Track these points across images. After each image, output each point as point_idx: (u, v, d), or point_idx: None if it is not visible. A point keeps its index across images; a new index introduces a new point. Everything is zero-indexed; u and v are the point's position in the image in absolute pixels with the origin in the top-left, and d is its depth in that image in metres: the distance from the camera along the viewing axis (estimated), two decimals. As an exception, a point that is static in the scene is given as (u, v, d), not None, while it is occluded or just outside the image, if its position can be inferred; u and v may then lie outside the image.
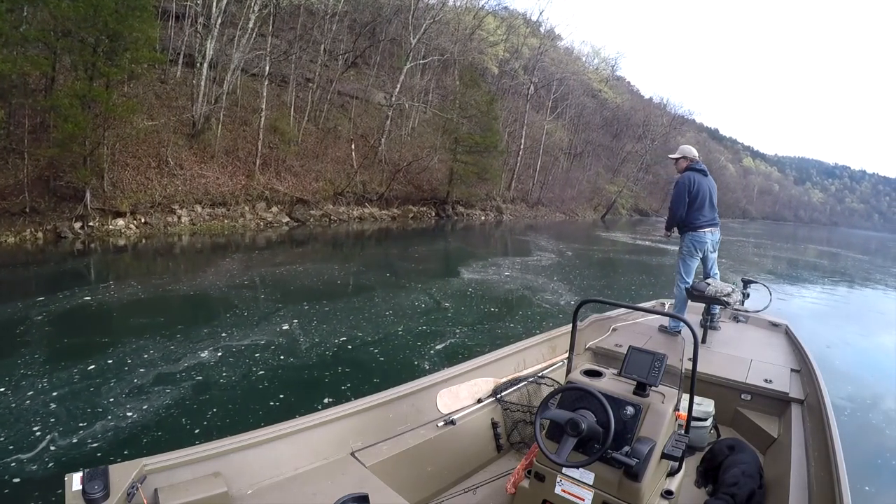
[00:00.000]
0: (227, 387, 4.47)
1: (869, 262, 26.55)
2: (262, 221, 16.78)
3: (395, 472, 2.25)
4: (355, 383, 4.66)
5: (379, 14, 26.20)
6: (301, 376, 4.77)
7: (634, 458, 1.82)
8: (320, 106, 22.54)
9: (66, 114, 10.90)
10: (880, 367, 7.52)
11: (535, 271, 12.26)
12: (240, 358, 5.07)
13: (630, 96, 64.69)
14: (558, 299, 9.17)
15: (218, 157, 16.59)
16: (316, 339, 5.72)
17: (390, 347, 5.73)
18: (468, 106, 25.66)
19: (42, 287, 7.67)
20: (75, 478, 1.55)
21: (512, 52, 39.45)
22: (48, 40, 11.31)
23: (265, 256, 11.87)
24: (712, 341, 4.30)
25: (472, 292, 9.24)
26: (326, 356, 5.24)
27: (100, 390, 4.21)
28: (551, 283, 10.77)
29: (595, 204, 46.12)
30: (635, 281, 12.75)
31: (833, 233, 76.58)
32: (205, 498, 1.69)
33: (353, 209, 21.03)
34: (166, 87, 17.21)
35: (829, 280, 17.02)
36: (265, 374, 4.75)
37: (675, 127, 60.67)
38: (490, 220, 29.74)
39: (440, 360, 5.32)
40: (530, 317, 7.84)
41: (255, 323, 6.30)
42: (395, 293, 8.64)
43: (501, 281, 10.69)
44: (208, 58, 16.05)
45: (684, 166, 4.67)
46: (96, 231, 12.23)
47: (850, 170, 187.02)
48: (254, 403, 4.19)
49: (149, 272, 9.60)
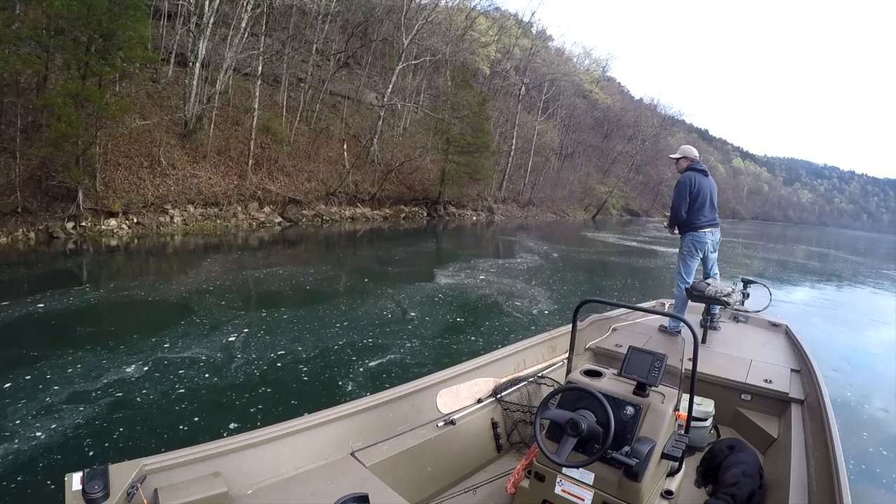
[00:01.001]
0: (142, 406, 4.22)
1: (860, 262, 26.76)
2: (255, 221, 16.83)
3: (395, 472, 2.25)
4: (265, 408, 4.32)
5: (371, 14, 26.25)
6: (218, 399, 4.44)
7: (634, 458, 1.82)
8: (312, 106, 22.60)
9: (60, 113, 10.88)
10: (880, 367, 7.52)
11: (514, 275, 11.78)
12: (167, 374, 4.80)
13: (621, 97, 65.29)
14: (531, 308, 8.60)
15: (210, 157, 16.61)
16: (252, 355, 5.37)
17: (321, 366, 5.30)
18: (460, 106, 25.84)
19: (3, 292, 7.22)
20: (75, 478, 1.55)
21: (504, 53, 39.66)
22: (41, 38, 11.28)
23: (248, 258, 11.69)
24: (712, 341, 4.30)
25: (442, 299, 8.75)
26: (253, 375, 4.90)
27: (6, 411, 3.96)
28: (529, 288, 10.25)
29: (586, 204, 46.46)
30: (619, 285, 12.30)
31: (822, 233, 76.58)
32: (205, 498, 1.69)
33: (346, 209, 21.11)
34: (158, 86, 17.19)
35: (820, 281, 17.07)
36: (185, 393, 4.48)
37: (666, 128, 61.39)
38: (481, 220, 29.84)
39: (365, 382, 4.89)
40: (496, 329, 7.26)
41: (203, 333, 5.98)
42: (362, 300, 8.26)
43: (476, 286, 10.20)
44: (200, 57, 16.06)
45: (685, 166, 4.68)
46: (88, 231, 12.22)
47: (839, 170, 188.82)
48: (162, 427, 3.94)
49: (123, 275, 9.34)
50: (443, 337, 6.61)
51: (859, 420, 5.28)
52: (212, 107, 16.68)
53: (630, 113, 59.42)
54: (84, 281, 8.53)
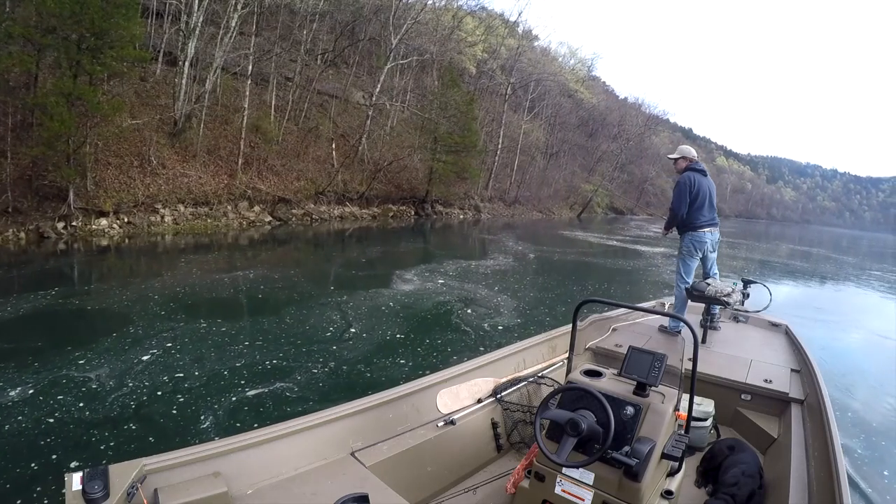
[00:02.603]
0: (8, 435, 3.78)
1: (840, 259, 26.96)
2: (245, 221, 16.94)
3: (395, 472, 2.26)
4: (116, 447, 3.79)
5: (360, 14, 26.38)
6: (80, 434, 3.92)
7: (634, 458, 1.83)
8: (300, 105, 22.68)
9: (53, 112, 10.89)
10: (880, 367, 7.53)
11: (481, 279, 11.06)
12: (50, 399, 4.31)
13: (605, 96, 65.85)
14: (484, 321, 7.68)
15: (200, 157, 16.66)
16: (146, 381, 4.77)
17: (196, 396, 4.60)
18: (448, 106, 26.11)
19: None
20: (75, 477, 1.55)
21: (490, 53, 39.95)
22: (32, 37, 11.23)
23: (224, 260, 11.46)
24: (712, 341, 4.31)
25: (392, 308, 7.99)
26: (128, 408, 4.30)
27: None
28: (492, 296, 9.41)
29: (571, 202, 46.84)
30: (593, 291, 11.32)
31: (805, 230, 76.54)
32: (205, 498, 1.70)
33: (334, 208, 21.29)
34: (146, 84, 17.15)
35: (805, 280, 17.09)
36: (54, 423, 3.98)
37: (650, 127, 62.21)
38: (468, 218, 30.04)
39: (224, 420, 4.21)
40: (434, 351, 6.30)
41: (124, 348, 5.51)
42: (309, 310, 7.60)
43: (436, 292, 9.44)
44: (189, 56, 16.10)
45: (684, 166, 4.67)
46: (80, 231, 12.24)
47: (821, 169, 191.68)
48: (17, 465, 3.49)
49: (89, 279, 8.98)
50: (363, 362, 5.66)
51: (859, 420, 5.30)
52: (201, 106, 16.71)
53: (615, 112, 60.03)
54: (45, 285, 7.96)
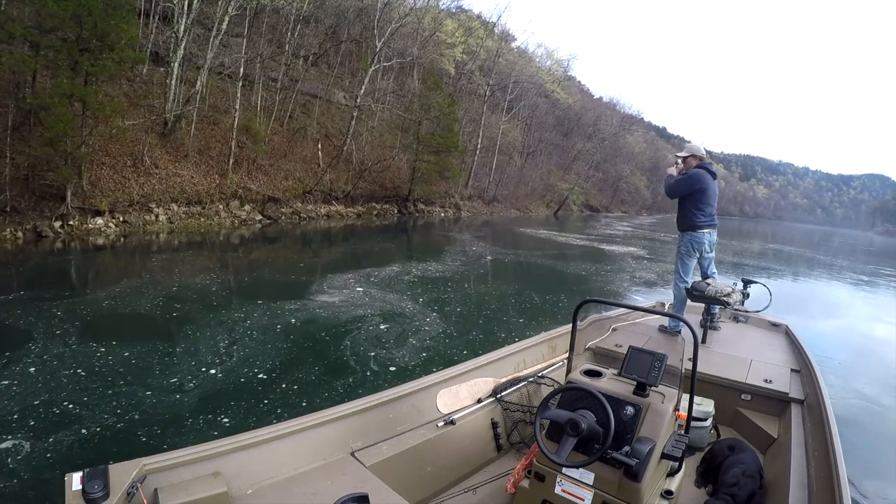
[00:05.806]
0: None
1: (811, 256, 27.43)
2: (237, 219, 17.29)
3: (395, 472, 2.26)
4: None
5: (343, 16, 26.77)
6: None
7: (634, 458, 1.83)
8: (285, 106, 23.00)
9: (56, 112, 11.07)
10: (879, 366, 7.60)
11: (418, 287, 9.86)
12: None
13: (581, 96, 66.77)
14: (395, 353, 6.01)
15: (192, 157, 16.94)
16: None
17: None
18: (431, 107, 26.79)
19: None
20: (75, 477, 1.54)
21: (469, 55, 40.61)
22: (32, 37, 11.34)
23: (196, 261, 11.20)
24: (712, 341, 4.32)
25: (294, 325, 6.75)
26: None
27: None
28: (419, 312, 7.95)
29: (548, 200, 47.76)
30: (539, 305, 9.44)
31: (777, 227, 76.45)
32: (205, 498, 1.70)
33: (321, 207, 21.75)
34: (134, 85, 17.32)
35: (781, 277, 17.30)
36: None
37: (625, 126, 63.73)
38: (449, 216, 30.62)
39: None
40: (286, 399, 4.63)
41: None
42: (199, 329, 6.44)
43: (356, 304, 8.11)
44: (179, 57, 16.31)
45: (694, 164, 4.63)
46: (76, 230, 12.42)
47: (793, 167, 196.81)
48: None
49: (57, 282, 8.52)
50: (172, 422, 4.11)
51: (859, 420, 5.29)
52: (193, 107, 16.96)
53: (590, 112, 61.08)
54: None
